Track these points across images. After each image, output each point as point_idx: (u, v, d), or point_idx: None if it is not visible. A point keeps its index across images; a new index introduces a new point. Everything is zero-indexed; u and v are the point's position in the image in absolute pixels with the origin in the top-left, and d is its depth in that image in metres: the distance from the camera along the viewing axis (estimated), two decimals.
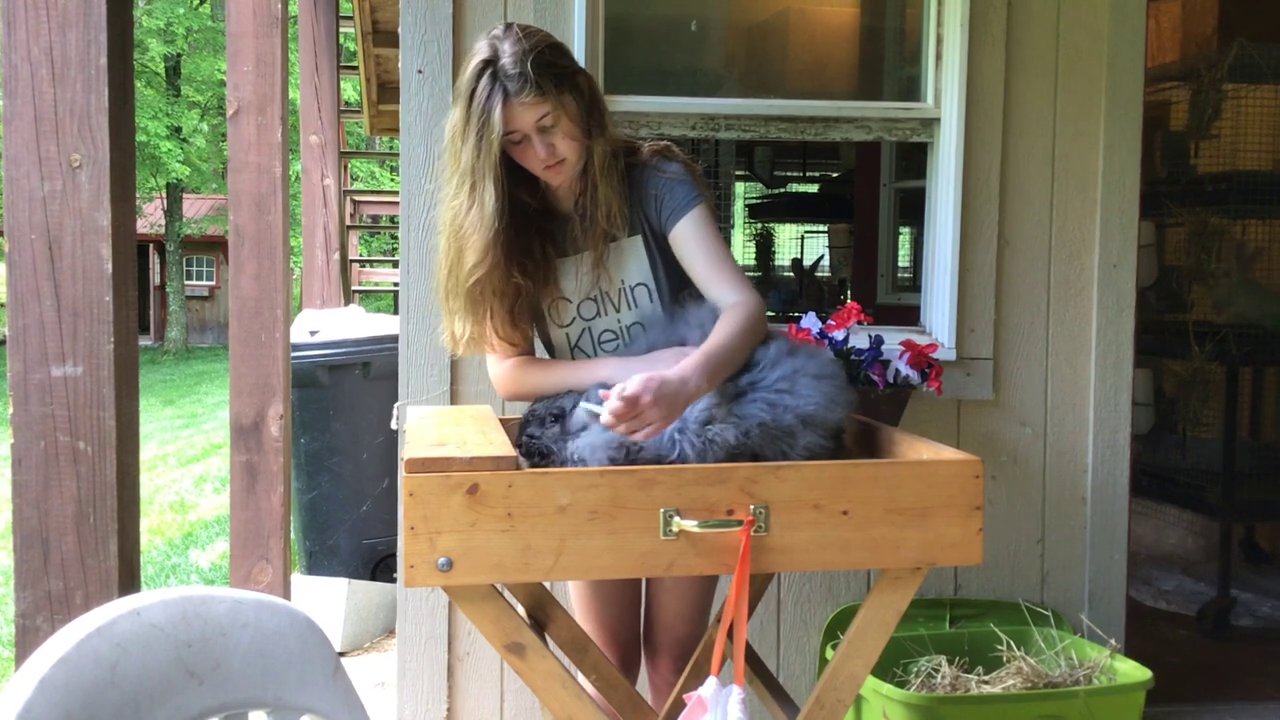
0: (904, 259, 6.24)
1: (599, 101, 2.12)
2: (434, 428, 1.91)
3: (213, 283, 27.00)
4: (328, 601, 4.14)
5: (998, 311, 3.17)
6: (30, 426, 2.29)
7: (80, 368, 2.29)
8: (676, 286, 2.17)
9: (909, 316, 3.37)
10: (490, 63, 1.97)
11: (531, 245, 2.13)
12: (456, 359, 2.93)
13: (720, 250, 2.12)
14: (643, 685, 2.42)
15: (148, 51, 20.29)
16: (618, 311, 2.19)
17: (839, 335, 2.70)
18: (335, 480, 4.52)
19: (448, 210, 2.06)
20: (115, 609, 1.33)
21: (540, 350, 2.32)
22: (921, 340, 2.94)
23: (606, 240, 2.13)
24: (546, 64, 1.99)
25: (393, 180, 20.15)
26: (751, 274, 8.29)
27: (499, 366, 2.21)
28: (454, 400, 2.94)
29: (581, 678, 2.21)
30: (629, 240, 2.16)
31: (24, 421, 2.29)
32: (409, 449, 1.73)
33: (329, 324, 4.69)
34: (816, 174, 8.88)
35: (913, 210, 5.63)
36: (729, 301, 2.02)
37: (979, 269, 3.15)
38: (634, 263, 2.17)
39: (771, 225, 8.81)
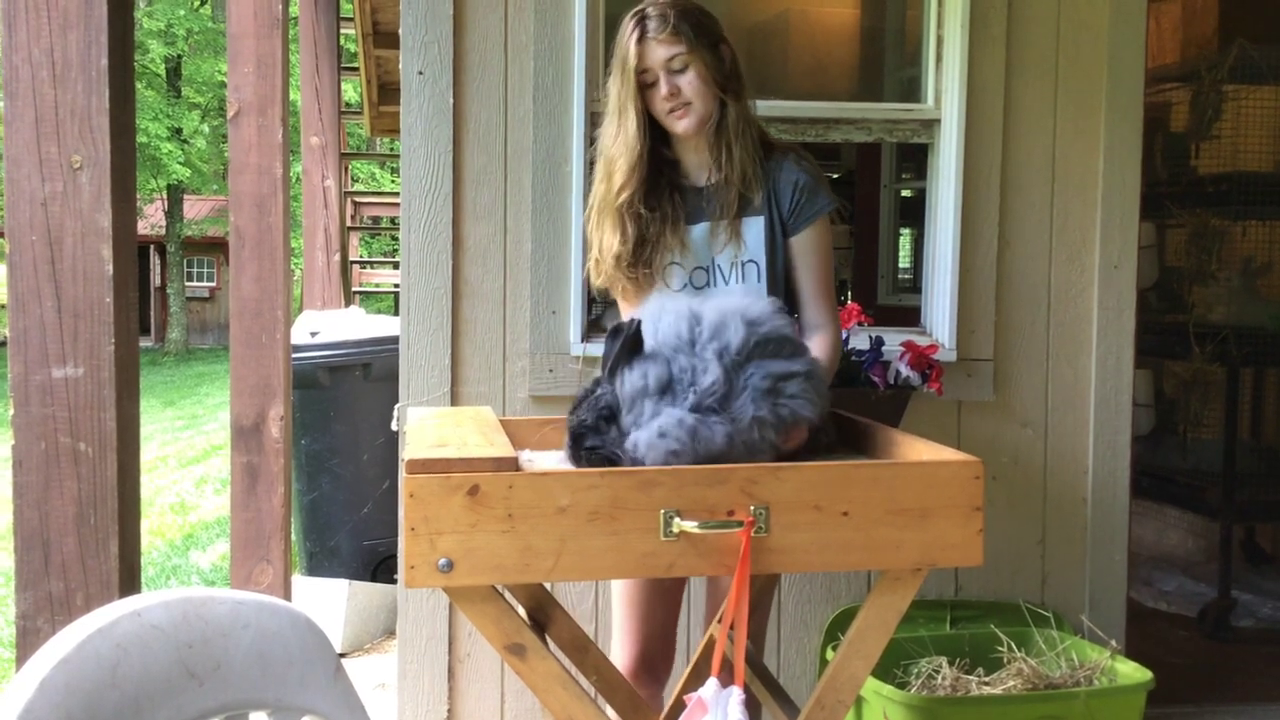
0: (904, 260, 6.24)
1: (740, 75, 2.26)
2: (434, 429, 1.91)
3: (213, 284, 27.01)
4: (328, 603, 4.14)
5: (998, 312, 3.17)
6: (31, 428, 2.29)
7: (81, 369, 2.29)
8: (785, 274, 2.28)
9: (910, 318, 3.37)
10: (640, 10, 2.20)
11: (662, 190, 2.25)
12: (455, 358, 2.94)
13: (830, 270, 2.31)
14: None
15: (148, 53, 20.30)
16: (726, 284, 2.27)
17: None
18: (336, 481, 4.52)
19: (602, 144, 2.27)
20: (116, 610, 1.33)
21: None
22: (922, 341, 2.94)
23: (741, 205, 2.24)
24: (690, 16, 2.19)
25: (393, 182, 20.16)
26: None
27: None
28: (454, 401, 2.94)
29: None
30: (753, 218, 2.26)
31: (25, 423, 2.29)
32: (409, 450, 1.73)
33: (329, 325, 4.69)
34: None
35: (913, 211, 5.63)
36: (820, 326, 2.25)
37: (979, 270, 3.15)
38: (752, 239, 2.26)
39: None
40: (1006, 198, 3.16)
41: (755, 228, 2.26)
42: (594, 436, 1.76)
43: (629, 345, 1.77)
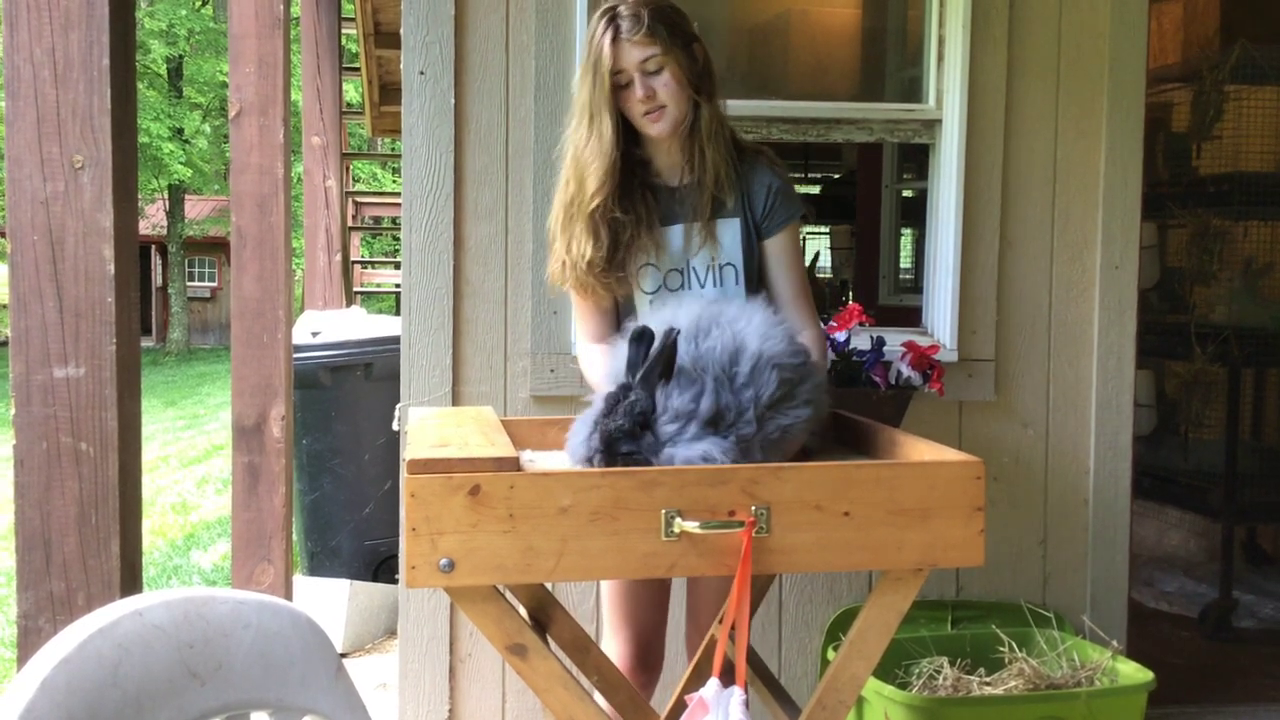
0: (906, 260, 6.24)
1: (712, 74, 2.22)
2: (435, 429, 1.92)
3: (215, 284, 27.03)
4: (329, 602, 4.14)
5: (999, 313, 3.16)
6: (32, 428, 2.29)
7: (82, 369, 2.29)
8: (761, 276, 2.27)
9: (911, 318, 3.37)
10: (611, 9, 2.15)
11: (634, 191, 2.21)
12: (457, 357, 2.94)
13: (804, 275, 2.30)
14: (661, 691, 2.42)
15: (150, 53, 20.32)
16: (702, 287, 2.25)
17: (841, 336, 2.70)
18: (337, 481, 4.52)
19: (570, 145, 2.21)
20: (117, 610, 1.33)
21: None
22: (923, 341, 2.94)
23: (715, 207, 2.22)
24: (664, 16, 2.14)
25: (394, 182, 20.16)
26: None
27: (588, 350, 2.31)
28: (456, 401, 2.94)
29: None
30: (728, 220, 2.23)
31: (26, 423, 2.29)
32: (411, 450, 1.73)
33: (331, 325, 4.69)
34: (818, 175, 8.88)
35: (914, 211, 5.63)
36: (803, 329, 2.20)
37: (981, 270, 3.15)
38: (728, 242, 2.24)
39: None
40: (1008, 198, 3.16)
41: (731, 230, 2.24)
42: (629, 442, 1.76)
43: (668, 355, 1.78)
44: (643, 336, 1.82)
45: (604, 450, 1.75)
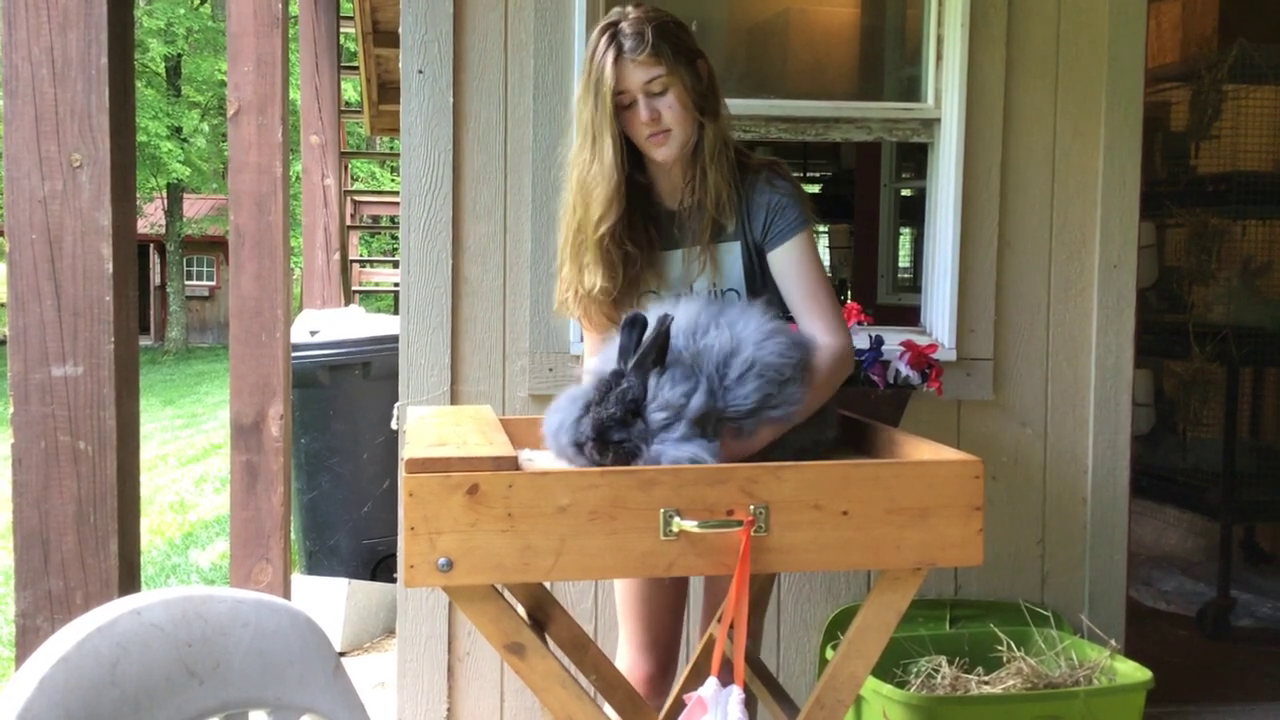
0: (904, 259, 6.24)
1: (716, 91, 2.14)
2: (434, 428, 1.91)
3: (213, 283, 27.02)
4: (328, 601, 4.14)
5: (998, 312, 3.17)
6: (31, 426, 2.29)
7: (81, 367, 2.29)
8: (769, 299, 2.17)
9: (909, 317, 3.37)
10: (612, 24, 2.05)
11: (635, 221, 2.14)
12: (455, 356, 2.94)
13: (819, 282, 2.13)
14: None
15: (148, 51, 20.31)
16: None
17: None
18: (335, 480, 4.52)
19: (574, 169, 2.12)
20: (116, 609, 1.33)
21: None
22: (922, 341, 2.94)
23: (714, 231, 2.14)
24: (668, 33, 2.05)
25: (393, 180, 20.15)
26: None
27: (595, 348, 2.25)
28: (454, 400, 2.94)
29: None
30: (728, 244, 2.16)
31: (24, 421, 2.29)
32: (409, 449, 1.73)
33: (329, 324, 4.69)
34: (817, 174, 8.89)
35: (913, 210, 5.64)
36: (818, 341, 2.04)
37: (979, 269, 3.15)
38: (730, 267, 2.17)
39: None
40: (1006, 197, 3.16)
41: (732, 254, 2.17)
42: (621, 430, 1.75)
43: (661, 342, 1.78)
44: (635, 322, 1.81)
45: (596, 439, 1.75)
